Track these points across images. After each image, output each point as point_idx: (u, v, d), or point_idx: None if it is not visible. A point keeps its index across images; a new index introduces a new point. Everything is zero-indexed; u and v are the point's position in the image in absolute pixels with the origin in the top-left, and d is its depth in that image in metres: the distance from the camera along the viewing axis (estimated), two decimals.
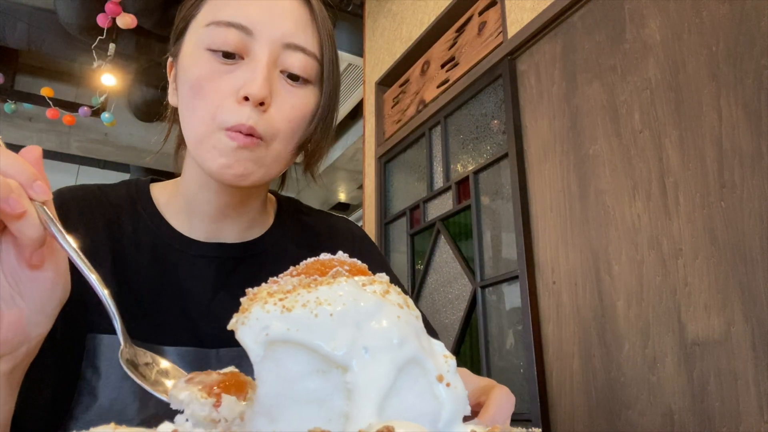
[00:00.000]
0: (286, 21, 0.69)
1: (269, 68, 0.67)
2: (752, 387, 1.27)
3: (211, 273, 0.75)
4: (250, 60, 0.67)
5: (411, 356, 0.32)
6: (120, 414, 0.63)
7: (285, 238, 0.84)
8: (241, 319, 0.33)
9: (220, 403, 0.39)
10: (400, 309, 0.34)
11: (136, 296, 0.71)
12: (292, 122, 0.70)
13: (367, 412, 0.30)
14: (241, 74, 0.67)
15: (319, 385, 0.31)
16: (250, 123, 0.65)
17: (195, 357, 0.70)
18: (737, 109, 1.39)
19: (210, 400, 0.37)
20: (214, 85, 0.67)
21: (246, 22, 0.67)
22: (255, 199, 0.79)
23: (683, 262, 1.46)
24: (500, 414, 0.52)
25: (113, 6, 3.44)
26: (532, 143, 2.04)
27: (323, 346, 0.31)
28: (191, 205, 0.76)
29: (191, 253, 0.75)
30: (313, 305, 0.32)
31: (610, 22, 1.79)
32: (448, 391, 0.33)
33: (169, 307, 0.72)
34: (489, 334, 2.11)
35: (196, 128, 0.68)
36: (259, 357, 0.32)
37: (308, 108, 0.72)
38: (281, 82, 0.69)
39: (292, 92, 0.70)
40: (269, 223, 0.84)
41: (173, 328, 0.71)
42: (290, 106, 0.69)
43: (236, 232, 0.79)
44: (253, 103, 0.65)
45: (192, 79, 0.68)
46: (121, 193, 0.78)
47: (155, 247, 0.74)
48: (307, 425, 0.30)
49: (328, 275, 0.36)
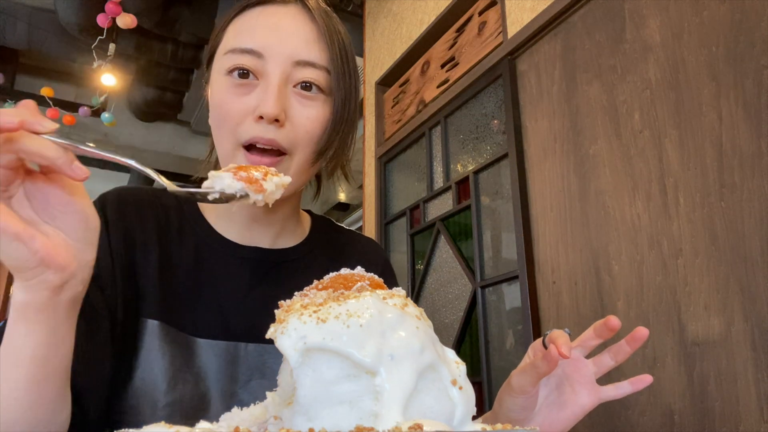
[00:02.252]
0: (294, 40, 0.76)
1: (281, 87, 0.73)
2: (752, 387, 1.27)
3: (246, 273, 0.82)
4: (264, 81, 0.74)
5: (429, 362, 0.36)
6: (150, 394, 0.70)
7: (317, 250, 0.91)
8: (280, 329, 0.36)
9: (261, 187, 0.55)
10: (418, 320, 0.38)
11: (177, 289, 0.77)
12: (309, 132, 0.75)
13: (394, 412, 0.34)
14: (256, 95, 0.74)
15: (351, 388, 0.35)
16: (269, 136, 0.72)
17: (225, 349, 0.76)
18: (737, 109, 1.39)
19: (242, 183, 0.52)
20: (233, 106, 0.74)
21: (257, 47, 0.74)
22: (285, 207, 0.85)
23: (683, 262, 1.46)
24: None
25: (113, 6, 3.44)
26: (532, 143, 2.04)
27: (355, 353, 0.35)
28: (228, 212, 0.84)
29: (230, 254, 0.82)
30: (344, 317, 0.36)
31: (610, 22, 1.79)
32: (460, 393, 0.37)
33: (206, 302, 0.78)
34: (489, 334, 2.11)
35: (222, 146, 0.76)
36: (297, 363, 0.35)
37: (324, 117, 0.77)
38: (295, 98, 0.75)
39: (307, 105, 0.76)
40: (304, 235, 0.91)
41: (208, 322, 0.77)
42: (305, 118, 0.75)
43: (269, 238, 0.85)
44: (268, 120, 0.72)
45: (216, 102, 0.76)
46: (170, 197, 0.85)
47: (197, 246, 0.82)
48: (341, 423, 0.34)
49: (353, 289, 0.41)
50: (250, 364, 0.77)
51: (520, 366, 0.69)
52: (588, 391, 0.70)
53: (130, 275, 0.75)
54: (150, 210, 0.82)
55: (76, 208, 0.49)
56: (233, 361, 0.76)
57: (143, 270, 0.76)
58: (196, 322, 0.76)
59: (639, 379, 0.71)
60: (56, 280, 0.47)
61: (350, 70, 0.80)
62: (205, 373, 0.74)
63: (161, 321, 0.74)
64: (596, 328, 0.70)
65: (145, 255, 0.77)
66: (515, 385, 0.67)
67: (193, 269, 0.80)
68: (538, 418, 0.70)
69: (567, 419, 0.69)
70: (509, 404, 0.68)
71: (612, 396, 0.71)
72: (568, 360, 0.70)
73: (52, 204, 0.48)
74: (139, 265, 0.77)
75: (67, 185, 0.49)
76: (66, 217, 0.49)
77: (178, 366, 0.72)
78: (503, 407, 0.69)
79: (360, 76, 0.81)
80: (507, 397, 0.69)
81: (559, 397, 0.71)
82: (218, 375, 0.74)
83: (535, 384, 0.66)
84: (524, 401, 0.67)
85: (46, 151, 0.45)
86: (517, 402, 0.68)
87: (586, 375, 0.71)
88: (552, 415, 0.70)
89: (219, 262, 0.81)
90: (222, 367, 0.75)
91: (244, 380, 0.76)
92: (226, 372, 0.75)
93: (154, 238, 0.79)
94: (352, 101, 0.80)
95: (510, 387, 0.68)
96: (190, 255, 0.81)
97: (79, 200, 0.49)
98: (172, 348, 0.73)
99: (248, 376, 0.76)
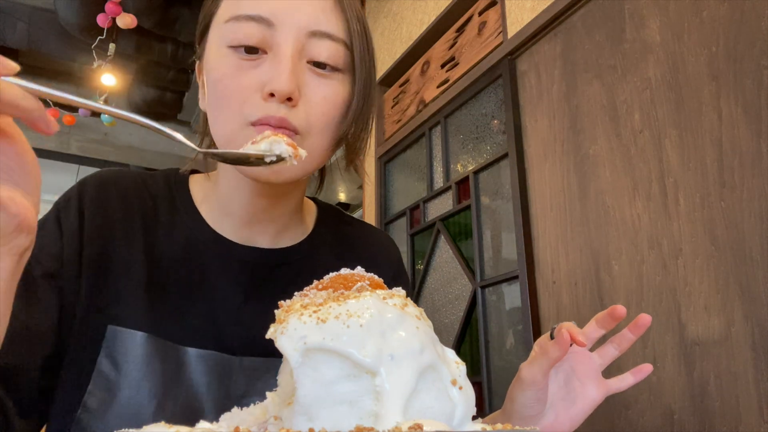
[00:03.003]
0: (309, 7, 0.65)
1: (294, 61, 0.63)
2: (752, 387, 1.27)
3: (243, 277, 0.73)
4: (274, 54, 0.63)
5: (429, 362, 0.37)
6: (136, 415, 0.62)
7: (323, 248, 0.81)
8: (280, 329, 0.36)
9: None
10: (418, 320, 0.38)
11: (164, 290, 0.68)
12: (326, 115, 0.66)
13: (394, 412, 0.34)
14: (265, 69, 0.63)
15: (351, 387, 0.35)
16: (281, 115, 0.62)
17: (217, 362, 0.68)
18: (737, 109, 1.39)
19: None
20: (239, 82, 0.63)
21: (266, 14, 0.63)
22: (290, 201, 0.76)
23: (683, 262, 1.46)
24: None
25: (113, 6, 3.44)
26: (532, 143, 2.04)
27: (355, 353, 0.35)
28: (225, 206, 0.74)
29: (225, 254, 0.73)
30: (344, 317, 0.36)
31: (610, 22, 1.79)
32: (460, 394, 0.37)
33: (197, 308, 0.69)
34: (489, 334, 2.11)
35: (224, 127, 0.65)
36: (297, 363, 0.35)
37: (341, 98, 0.67)
38: (309, 74, 0.65)
39: (323, 83, 0.66)
40: (307, 231, 0.81)
41: (199, 330, 0.68)
42: (322, 98, 0.65)
43: (270, 236, 0.76)
44: (280, 99, 0.62)
45: (216, 78, 0.65)
46: (160, 184, 0.76)
47: (189, 243, 0.72)
48: (341, 423, 0.34)
49: (353, 289, 0.40)
50: (245, 378, 0.69)
51: (529, 359, 0.68)
52: (596, 385, 0.70)
53: (104, 276, 0.66)
54: (136, 200, 0.72)
55: (28, 159, 0.43)
56: (226, 375, 0.68)
57: (124, 270, 0.67)
58: (184, 329, 0.68)
59: (640, 369, 0.71)
60: (26, 242, 0.43)
61: (369, 46, 0.70)
62: (196, 389, 0.66)
63: (149, 333, 0.65)
64: (599, 320, 0.69)
65: (127, 252, 0.68)
66: (526, 376, 0.66)
67: (183, 269, 0.70)
68: (551, 414, 0.68)
69: (578, 414, 0.69)
70: (521, 399, 0.67)
71: (617, 388, 0.70)
72: (574, 353, 0.70)
73: (10, 156, 0.42)
74: (118, 264, 0.68)
75: (18, 135, 0.42)
76: (22, 171, 0.43)
77: (167, 382, 0.64)
78: (516, 404, 0.68)
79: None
80: (518, 393, 0.67)
81: (569, 392, 0.69)
82: (209, 389, 0.66)
83: (546, 373, 0.65)
84: (536, 393, 0.66)
85: (22, 100, 0.39)
86: (529, 395, 0.66)
87: (592, 368, 0.70)
88: (564, 410, 0.69)
89: (213, 263, 0.72)
90: (213, 381, 0.67)
91: (238, 396, 0.68)
92: (219, 387, 0.67)
93: (139, 232, 0.70)
94: (372, 81, 0.71)
95: (520, 380, 0.67)
96: (180, 253, 0.71)
97: (28, 150, 0.43)
98: (162, 362, 0.65)
99: (243, 392, 0.68)
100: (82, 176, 0.75)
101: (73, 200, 0.70)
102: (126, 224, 0.70)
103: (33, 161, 0.44)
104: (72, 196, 0.70)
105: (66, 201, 0.70)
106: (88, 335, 0.64)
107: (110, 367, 0.63)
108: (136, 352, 0.64)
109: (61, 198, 0.71)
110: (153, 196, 0.74)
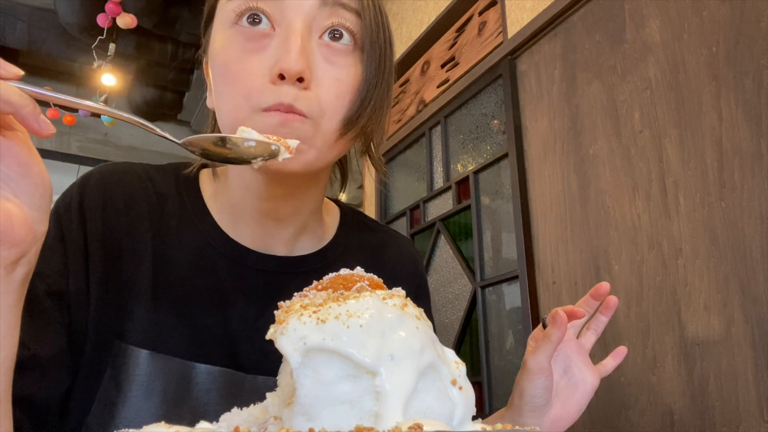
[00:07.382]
0: None
1: (304, 37, 0.58)
2: (752, 387, 1.27)
3: (259, 287, 0.67)
4: (282, 31, 0.59)
5: (429, 362, 0.37)
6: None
7: (346, 256, 0.75)
8: (280, 330, 0.36)
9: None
10: (418, 320, 0.38)
11: (174, 302, 0.64)
12: (339, 97, 0.60)
13: (395, 412, 0.34)
14: (273, 50, 0.58)
15: (352, 388, 0.35)
16: (289, 100, 0.57)
17: (228, 380, 0.64)
18: (737, 109, 1.39)
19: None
20: (245, 66, 0.58)
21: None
22: (307, 200, 0.70)
23: (683, 262, 1.46)
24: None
25: (113, 6, 3.44)
26: (532, 143, 2.04)
27: (355, 353, 0.35)
28: (236, 204, 0.68)
29: (239, 261, 0.67)
30: (344, 317, 0.36)
31: (610, 22, 1.79)
32: (460, 394, 0.37)
33: (209, 320, 0.65)
34: (489, 334, 2.11)
35: (230, 116, 0.60)
36: (297, 363, 0.35)
37: (356, 79, 0.61)
38: (322, 54, 0.60)
39: (336, 63, 0.60)
40: (328, 236, 0.76)
41: (210, 345, 0.64)
42: (334, 79, 0.60)
43: (286, 240, 0.70)
44: (290, 80, 0.57)
45: (220, 64, 0.60)
46: (168, 181, 0.71)
47: (200, 248, 0.67)
48: (341, 424, 0.34)
49: (353, 290, 0.40)
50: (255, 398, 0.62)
51: (528, 351, 0.70)
52: (590, 370, 0.73)
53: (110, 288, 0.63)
54: (143, 201, 0.67)
55: (34, 170, 0.42)
56: (236, 394, 0.63)
57: (131, 281, 0.63)
58: (194, 343, 0.63)
59: (617, 353, 0.77)
60: (11, 256, 0.41)
61: (384, 20, 0.64)
62: (203, 409, 0.62)
63: (154, 349, 0.61)
64: (583, 302, 0.74)
65: (133, 261, 0.64)
66: (533, 366, 0.67)
67: (194, 278, 0.66)
68: (557, 403, 0.71)
69: (583, 399, 0.72)
70: (531, 390, 0.68)
71: (605, 371, 0.75)
72: (567, 341, 0.73)
73: (9, 165, 0.41)
74: (125, 274, 0.63)
75: (24, 145, 0.42)
76: (24, 180, 0.41)
77: (170, 402, 0.60)
78: (525, 395, 0.68)
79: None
80: (528, 384, 0.68)
81: (570, 380, 0.72)
82: (216, 409, 0.61)
83: (551, 357, 0.67)
84: (544, 381, 0.67)
85: (11, 96, 0.39)
86: (538, 384, 0.67)
87: (585, 354, 0.74)
88: (569, 397, 0.71)
89: (226, 271, 0.67)
90: (221, 400, 0.62)
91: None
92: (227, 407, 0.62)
93: (146, 239, 0.65)
94: (388, 60, 0.65)
95: (528, 371, 0.68)
96: (190, 260, 0.66)
97: (37, 162, 0.42)
98: (166, 382, 0.61)
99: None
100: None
101: (74, 206, 0.65)
102: (132, 230, 0.65)
103: (39, 173, 0.42)
104: (73, 201, 0.66)
105: (67, 207, 0.66)
106: (96, 352, 0.62)
107: (112, 386, 0.61)
108: (139, 371, 0.61)
109: (60, 202, 0.67)
110: (160, 196, 0.69)
